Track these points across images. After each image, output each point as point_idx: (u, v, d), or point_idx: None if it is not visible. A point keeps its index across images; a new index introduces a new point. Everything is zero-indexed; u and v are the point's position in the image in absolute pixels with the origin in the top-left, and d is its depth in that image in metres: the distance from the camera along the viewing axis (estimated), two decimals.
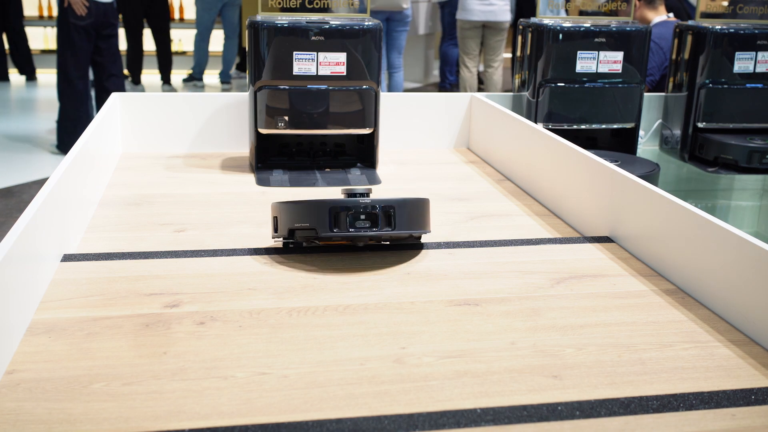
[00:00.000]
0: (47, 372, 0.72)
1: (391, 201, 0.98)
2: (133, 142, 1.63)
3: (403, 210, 0.98)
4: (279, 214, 1.01)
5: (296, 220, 0.97)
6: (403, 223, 0.98)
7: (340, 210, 0.95)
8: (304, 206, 0.97)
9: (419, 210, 1.01)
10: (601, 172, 1.15)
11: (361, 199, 0.97)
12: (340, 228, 0.95)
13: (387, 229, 0.96)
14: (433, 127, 1.74)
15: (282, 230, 1.00)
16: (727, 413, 0.68)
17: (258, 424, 0.65)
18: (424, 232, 1.03)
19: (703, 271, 0.91)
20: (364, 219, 0.95)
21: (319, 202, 0.96)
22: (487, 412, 0.67)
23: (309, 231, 0.96)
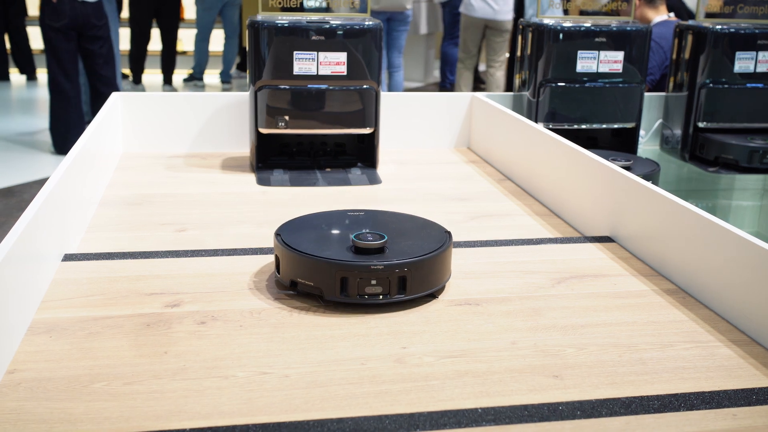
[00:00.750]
0: (48, 371, 0.72)
1: (407, 263, 0.86)
2: (133, 142, 1.63)
3: (419, 271, 0.87)
4: (282, 257, 0.90)
5: (299, 274, 0.88)
6: (419, 285, 0.88)
7: (349, 274, 0.85)
8: (308, 263, 0.87)
9: (439, 264, 0.90)
10: (601, 171, 1.15)
11: (373, 263, 0.85)
12: (348, 293, 0.86)
13: (400, 296, 0.87)
14: (434, 126, 1.74)
15: (284, 276, 0.90)
16: (728, 413, 0.68)
17: (259, 424, 0.65)
18: (442, 285, 0.93)
19: (704, 270, 0.91)
20: (375, 284, 0.86)
21: (326, 263, 0.85)
22: (488, 412, 0.67)
23: (313, 289, 0.87)
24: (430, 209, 1.29)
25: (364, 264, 0.85)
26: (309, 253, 0.87)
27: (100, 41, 4.18)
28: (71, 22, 4.03)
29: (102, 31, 4.17)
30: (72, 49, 4.13)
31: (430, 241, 0.92)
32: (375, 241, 0.88)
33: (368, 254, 0.87)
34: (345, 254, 0.87)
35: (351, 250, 0.88)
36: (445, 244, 0.91)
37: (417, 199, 1.35)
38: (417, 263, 0.87)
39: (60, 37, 4.06)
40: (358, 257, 0.86)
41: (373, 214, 1.01)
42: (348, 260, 0.85)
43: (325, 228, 0.96)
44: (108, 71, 4.26)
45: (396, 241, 0.91)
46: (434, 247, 0.90)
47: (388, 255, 0.87)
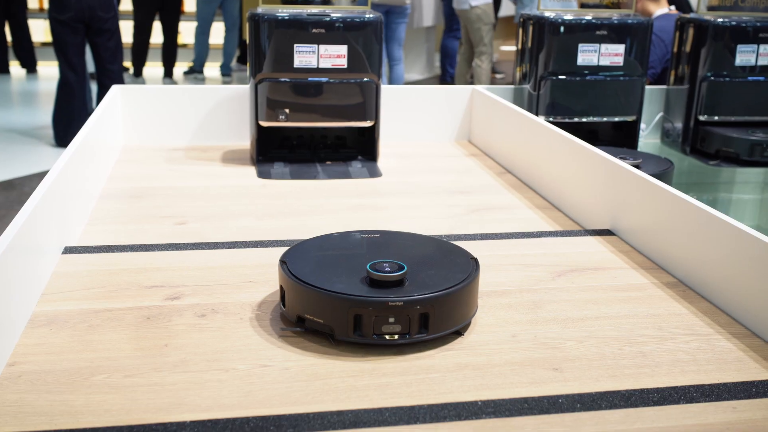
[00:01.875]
0: (49, 364, 0.73)
1: (430, 298, 0.75)
2: (133, 135, 1.63)
3: (444, 306, 0.76)
4: (287, 289, 0.80)
5: (307, 309, 0.77)
6: (443, 323, 0.77)
7: (364, 311, 0.75)
8: (317, 297, 0.76)
9: (466, 298, 0.79)
10: (602, 164, 1.15)
11: (391, 298, 0.74)
12: (362, 332, 0.75)
13: (422, 335, 0.76)
14: (434, 120, 1.74)
15: (290, 311, 0.80)
16: (728, 406, 0.68)
17: (259, 417, 0.65)
18: (468, 322, 0.82)
19: (705, 264, 0.91)
20: (393, 322, 0.75)
21: (338, 298, 0.75)
22: (488, 405, 0.67)
23: (323, 326, 0.77)
24: (431, 202, 1.29)
25: (381, 299, 0.74)
26: (318, 286, 0.76)
27: (107, 34, 4.16)
28: (77, 14, 4.02)
29: (109, 24, 4.15)
30: (78, 43, 4.13)
31: (454, 270, 0.81)
32: (393, 272, 0.77)
33: (385, 287, 0.76)
34: (359, 287, 0.76)
35: (366, 282, 0.77)
36: (472, 274, 0.80)
37: (417, 192, 1.35)
38: (441, 298, 0.76)
39: (66, 30, 4.05)
40: (374, 291, 0.76)
41: (390, 236, 0.90)
42: (362, 295, 0.75)
43: (335, 255, 0.84)
44: (115, 65, 4.25)
45: (416, 270, 0.80)
46: (460, 278, 0.79)
47: (407, 288, 0.76)
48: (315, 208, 1.24)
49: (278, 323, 0.82)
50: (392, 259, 0.81)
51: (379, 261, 0.79)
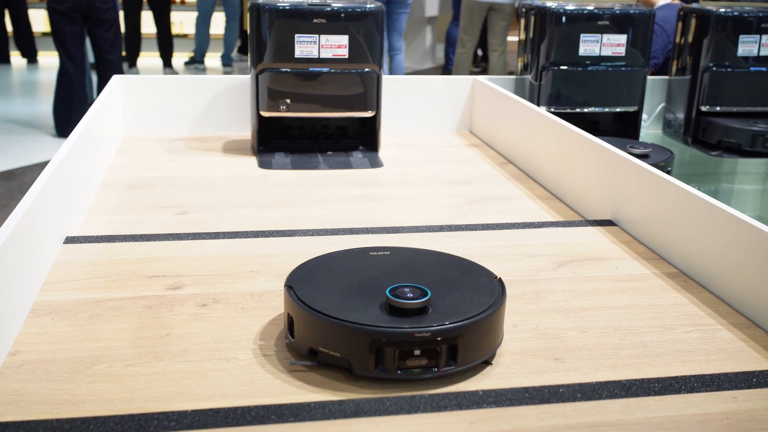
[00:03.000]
0: (50, 353, 0.73)
1: (459, 328, 0.68)
2: (134, 125, 1.62)
3: (474, 335, 0.69)
4: (297, 319, 0.71)
5: (321, 340, 0.69)
6: (472, 353, 0.70)
7: (386, 345, 0.67)
8: (333, 328, 0.68)
9: (495, 325, 0.72)
10: (603, 155, 1.15)
11: (417, 328, 0.66)
12: (384, 366, 0.67)
13: (450, 367, 0.69)
14: (435, 110, 1.74)
15: (301, 343, 0.71)
16: (728, 396, 0.68)
17: (261, 406, 0.65)
18: (495, 351, 0.74)
19: (706, 254, 0.91)
20: (419, 355, 0.68)
21: (357, 330, 0.67)
22: (489, 394, 0.67)
23: (340, 360, 0.69)
24: (432, 193, 1.29)
25: (405, 330, 0.66)
26: (334, 316, 0.68)
27: (106, 25, 4.15)
28: (75, 4, 4.01)
29: (108, 14, 4.13)
30: (77, 33, 4.11)
31: (479, 293, 0.74)
32: (416, 298, 0.69)
33: (408, 315, 0.69)
34: (379, 316, 0.68)
35: (385, 310, 0.70)
36: (499, 298, 0.73)
37: (418, 183, 1.35)
38: (471, 326, 0.69)
39: (64, 20, 4.04)
40: (396, 320, 0.68)
41: (401, 253, 0.83)
42: (385, 326, 0.67)
43: (347, 277, 0.76)
44: (114, 56, 4.24)
45: (438, 294, 0.72)
46: (487, 302, 0.72)
47: (432, 316, 0.69)
48: (316, 199, 1.24)
49: (279, 308, 0.82)
50: (409, 280, 0.74)
51: (399, 285, 0.72)
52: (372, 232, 1.08)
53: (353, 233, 1.07)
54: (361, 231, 1.08)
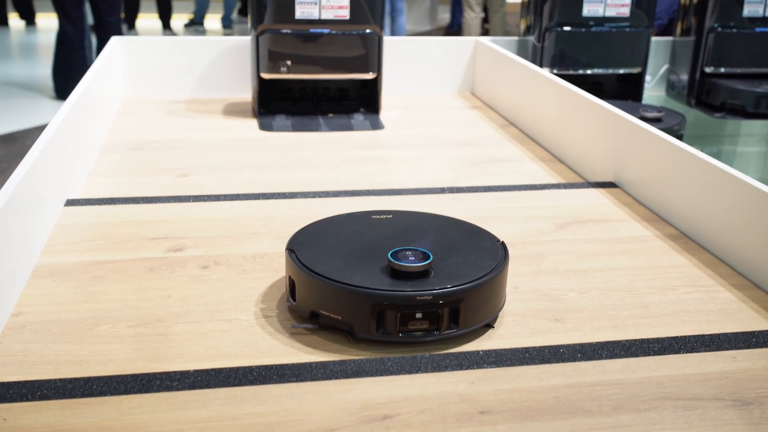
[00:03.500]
0: (53, 315, 0.73)
1: (461, 291, 0.68)
2: (134, 87, 1.61)
3: (475, 299, 0.69)
4: (298, 282, 0.71)
5: (323, 304, 0.69)
6: (474, 316, 0.70)
7: (388, 307, 0.67)
8: (334, 292, 0.68)
9: (497, 288, 0.72)
10: (605, 117, 1.14)
11: (419, 292, 0.67)
12: (386, 329, 0.68)
13: (451, 330, 0.69)
14: (437, 72, 1.72)
15: (303, 306, 0.72)
16: (727, 355, 0.69)
17: (262, 366, 0.65)
18: (497, 314, 0.74)
19: (707, 215, 0.91)
20: (420, 318, 0.68)
21: (359, 293, 0.67)
22: (489, 354, 0.68)
23: (341, 323, 0.69)
24: (434, 155, 1.29)
25: (407, 293, 0.67)
26: (335, 279, 0.68)
27: None
28: None
29: None
30: None
31: (482, 256, 0.74)
32: (418, 261, 0.69)
33: (410, 279, 0.69)
34: (380, 279, 0.68)
35: (387, 273, 0.70)
36: (502, 261, 0.73)
37: (420, 145, 1.34)
38: (473, 290, 0.69)
39: None
40: (398, 284, 0.68)
41: (403, 217, 0.82)
42: (386, 289, 0.67)
43: (348, 241, 0.76)
44: (113, 17, 4.20)
45: (441, 258, 0.72)
46: (489, 265, 0.72)
47: (434, 280, 0.69)
48: (317, 161, 1.24)
49: (281, 270, 0.82)
50: (411, 244, 0.74)
51: (401, 249, 0.71)
52: (373, 194, 1.08)
53: (354, 195, 1.07)
54: (362, 193, 1.08)
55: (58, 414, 0.58)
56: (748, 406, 0.61)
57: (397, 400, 0.61)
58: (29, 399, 0.60)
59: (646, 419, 0.59)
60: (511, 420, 0.59)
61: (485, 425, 0.58)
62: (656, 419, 0.59)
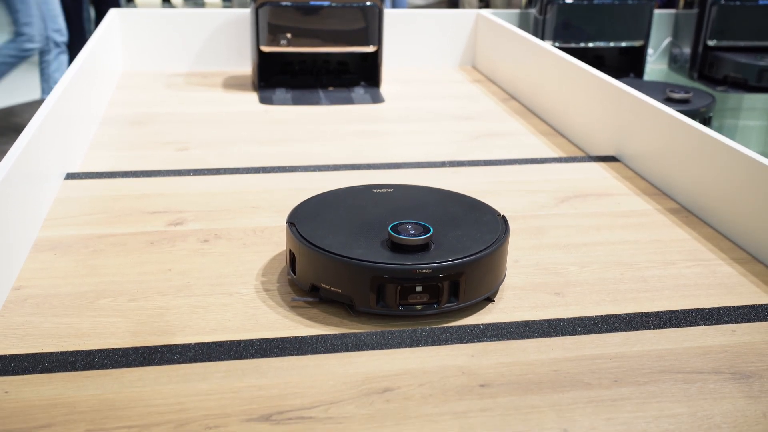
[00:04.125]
0: (54, 288, 0.73)
1: (462, 264, 0.68)
2: (133, 60, 1.60)
3: (476, 272, 0.69)
4: (299, 255, 0.71)
5: (323, 277, 0.69)
6: (474, 290, 0.70)
7: (388, 281, 0.67)
8: (334, 265, 0.68)
9: (498, 261, 0.72)
10: (607, 90, 1.13)
11: (419, 265, 0.67)
12: (386, 302, 0.68)
13: (451, 304, 0.69)
14: (438, 45, 1.71)
15: (303, 279, 0.72)
16: (727, 329, 0.69)
17: (263, 339, 0.65)
18: (497, 288, 0.74)
19: (709, 190, 0.91)
20: (420, 291, 0.68)
21: (359, 266, 0.67)
22: (490, 328, 0.68)
23: (341, 297, 0.69)
24: (434, 128, 1.28)
25: (407, 267, 0.67)
26: (335, 252, 0.68)
27: None
28: None
29: None
30: None
31: (482, 230, 0.73)
32: (418, 235, 0.69)
33: (410, 252, 0.69)
34: (380, 252, 0.68)
35: (387, 247, 0.69)
36: (502, 235, 0.73)
37: (421, 119, 1.34)
38: (473, 263, 0.68)
39: None
40: (398, 257, 0.68)
41: (405, 191, 0.82)
42: (386, 262, 0.67)
43: (349, 215, 0.76)
44: None
45: (441, 231, 0.72)
46: (490, 238, 0.72)
47: (434, 253, 0.69)
48: (317, 134, 1.23)
49: (281, 244, 0.82)
50: (412, 218, 0.74)
51: (402, 222, 0.71)
52: (373, 167, 1.07)
53: (355, 169, 1.07)
54: (362, 167, 1.08)
55: (59, 387, 0.58)
56: (747, 379, 0.61)
57: (398, 373, 0.61)
58: (31, 372, 0.60)
59: (646, 392, 0.59)
60: (511, 393, 0.59)
61: (485, 398, 0.58)
62: (655, 392, 0.59)
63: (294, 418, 0.56)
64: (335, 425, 0.55)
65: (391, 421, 0.55)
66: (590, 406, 0.58)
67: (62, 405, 0.56)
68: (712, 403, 0.58)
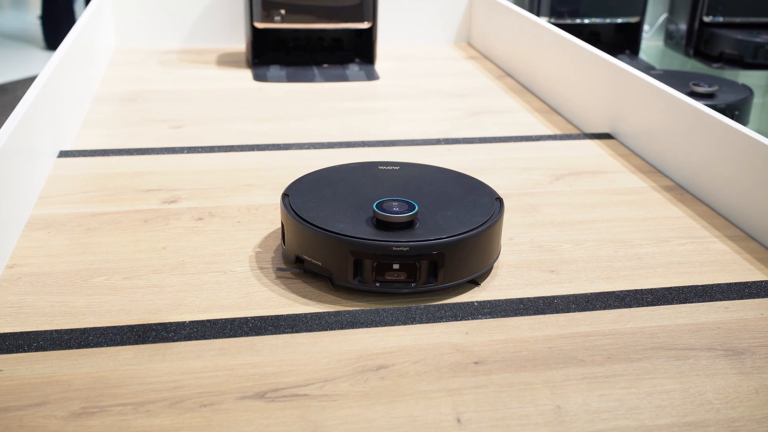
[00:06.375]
0: (48, 266, 0.73)
1: (440, 244, 0.67)
2: (125, 37, 1.59)
3: (457, 253, 0.68)
4: (287, 226, 0.72)
5: (306, 249, 0.70)
6: (455, 272, 0.69)
7: (365, 256, 0.67)
8: (316, 237, 0.69)
9: (483, 244, 0.70)
10: (602, 67, 1.13)
11: (396, 242, 0.66)
12: (363, 278, 0.68)
13: (430, 284, 0.69)
14: (433, 22, 1.70)
15: (289, 250, 0.73)
16: (720, 306, 0.69)
17: (258, 317, 0.65)
18: (489, 267, 0.73)
19: (703, 167, 0.91)
20: (398, 269, 0.68)
21: (337, 239, 0.67)
22: (484, 305, 0.68)
23: (321, 269, 0.70)
24: (429, 105, 1.28)
25: (383, 243, 0.66)
26: (317, 225, 0.69)
27: None
28: None
29: None
30: None
31: (474, 211, 0.72)
32: (402, 212, 0.69)
33: (392, 230, 0.68)
34: (362, 229, 0.68)
35: (372, 224, 0.69)
36: (494, 216, 0.72)
37: (415, 96, 1.33)
38: (453, 244, 0.67)
39: None
40: (379, 233, 0.68)
41: (410, 169, 0.81)
42: (364, 237, 0.67)
43: (345, 190, 0.76)
44: None
45: (431, 210, 0.72)
46: (478, 221, 0.70)
47: (417, 231, 0.68)
48: (312, 112, 1.23)
49: (275, 222, 0.82)
50: (409, 196, 0.74)
51: (388, 199, 0.71)
52: (368, 145, 1.07)
53: (349, 146, 1.06)
54: (357, 144, 1.07)
55: (54, 364, 0.58)
56: (739, 355, 0.62)
57: (392, 351, 0.62)
58: (25, 350, 0.60)
59: (639, 369, 0.60)
60: (505, 370, 0.59)
61: (479, 375, 0.59)
62: (648, 369, 0.60)
63: (288, 395, 0.56)
64: (330, 402, 0.55)
65: (386, 398, 0.56)
66: (584, 382, 0.58)
67: (57, 383, 0.56)
68: (705, 380, 0.59)
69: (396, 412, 0.54)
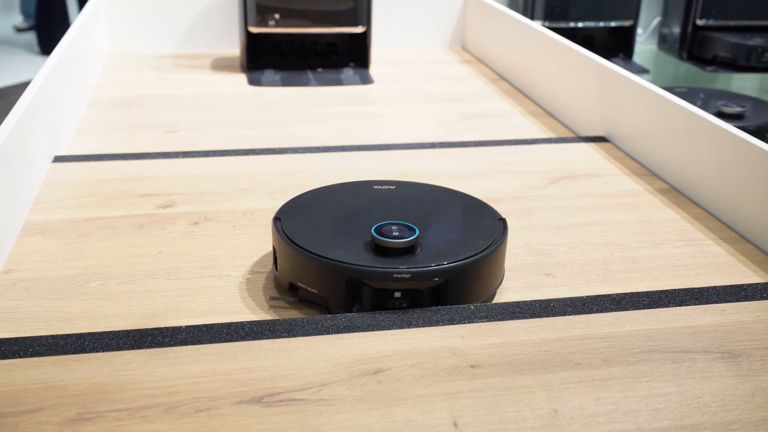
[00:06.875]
0: (43, 271, 0.73)
1: (444, 270, 0.64)
2: (119, 42, 1.59)
3: (461, 279, 0.65)
4: (279, 252, 0.69)
5: (300, 277, 0.66)
6: (458, 297, 0.66)
7: (364, 284, 0.64)
8: (311, 264, 0.65)
9: (488, 269, 0.67)
10: (597, 71, 1.13)
11: (398, 269, 0.63)
12: (362, 306, 0.65)
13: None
14: (428, 26, 1.70)
15: (283, 276, 0.69)
16: (716, 308, 0.69)
17: (254, 321, 0.65)
18: (492, 293, 0.71)
19: (698, 170, 0.91)
20: (399, 297, 0.65)
21: (333, 267, 0.64)
22: (480, 309, 0.68)
23: (318, 298, 0.66)
24: (424, 109, 1.28)
25: (384, 270, 0.63)
26: (312, 251, 0.65)
27: None
28: None
29: None
30: None
31: (477, 235, 0.69)
32: (402, 237, 0.65)
33: (392, 255, 0.65)
34: (361, 254, 0.65)
35: (370, 249, 0.66)
36: (497, 240, 0.69)
37: (410, 100, 1.33)
38: (457, 270, 0.65)
39: None
40: (378, 260, 0.64)
41: (407, 189, 0.78)
42: (363, 264, 0.64)
43: (340, 212, 0.72)
44: None
45: (432, 234, 0.69)
46: (482, 245, 0.67)
47: (419, 257, 0.65)
48: (307, 116, 1.23)
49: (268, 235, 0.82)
50: (407, 218, 0.70)
51: (387, 223, 0.67)
52: (363, 149, 1.07)
53: (344, 150, 1.06)
54: (351, 148, 1.07)
55: (50, 370, 0.58)
56: (736, 358, 0.62)
57: (389, 355, 0.61)
58: (21, 355, 0.60)
59: (635, 372, 0.60)
60: (502, 373, 0.59)
61: (476, 379, 0.59)
62: (645, 372, 0.60)
63: (285, 400, 0.56)
64: (326, 407, 0.55)
65: (382, 402, 0.56)
66: (580, 386, 0.58)
67: (53, 388, 0.56)
68: (701, 382, 0.59)
69: (393, 417, 0.54)
